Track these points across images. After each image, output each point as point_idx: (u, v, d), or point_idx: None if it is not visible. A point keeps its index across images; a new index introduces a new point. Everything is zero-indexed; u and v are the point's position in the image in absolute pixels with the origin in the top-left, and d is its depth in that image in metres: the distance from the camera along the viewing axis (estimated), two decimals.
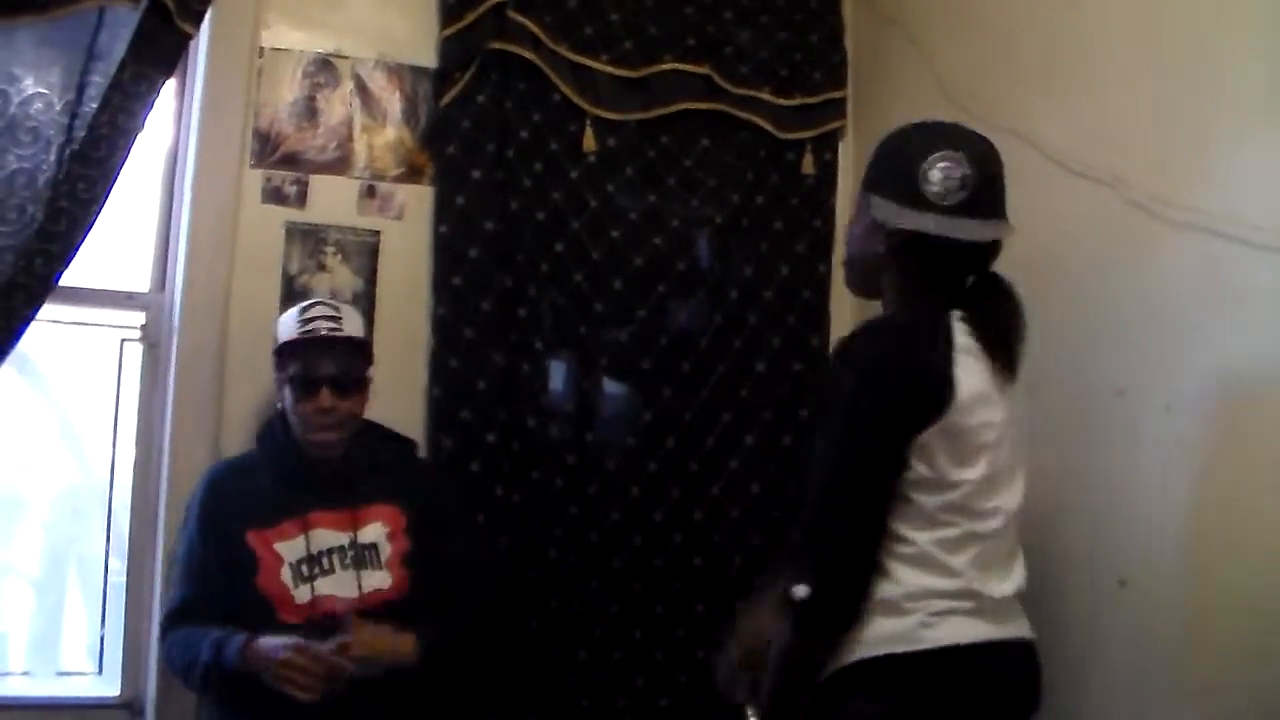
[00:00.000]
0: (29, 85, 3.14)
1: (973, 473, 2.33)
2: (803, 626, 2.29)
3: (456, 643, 3.07)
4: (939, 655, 2.29)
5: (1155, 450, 2.74)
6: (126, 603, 3.51)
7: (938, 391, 2.27)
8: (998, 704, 2.36)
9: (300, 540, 3.02)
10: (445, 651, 3.01)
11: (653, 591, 3.80)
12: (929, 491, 2.31)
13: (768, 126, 3.99)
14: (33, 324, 3.10)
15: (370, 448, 3.19)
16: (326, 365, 3.06)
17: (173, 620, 3.04)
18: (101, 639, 3.56)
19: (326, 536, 3.05)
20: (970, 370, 2.32)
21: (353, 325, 3.16)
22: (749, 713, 2.48)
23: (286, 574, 2.99)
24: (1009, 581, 2.41)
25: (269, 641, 2.80)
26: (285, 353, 3.10)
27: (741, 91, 3.96)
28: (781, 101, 4.00)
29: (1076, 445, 2.80)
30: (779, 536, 3.86)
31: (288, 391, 3.08)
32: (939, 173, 2.36)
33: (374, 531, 3.09)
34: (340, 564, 3.04)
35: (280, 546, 3.01)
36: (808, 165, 4.04)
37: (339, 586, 3.01)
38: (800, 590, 2.22)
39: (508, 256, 3.68)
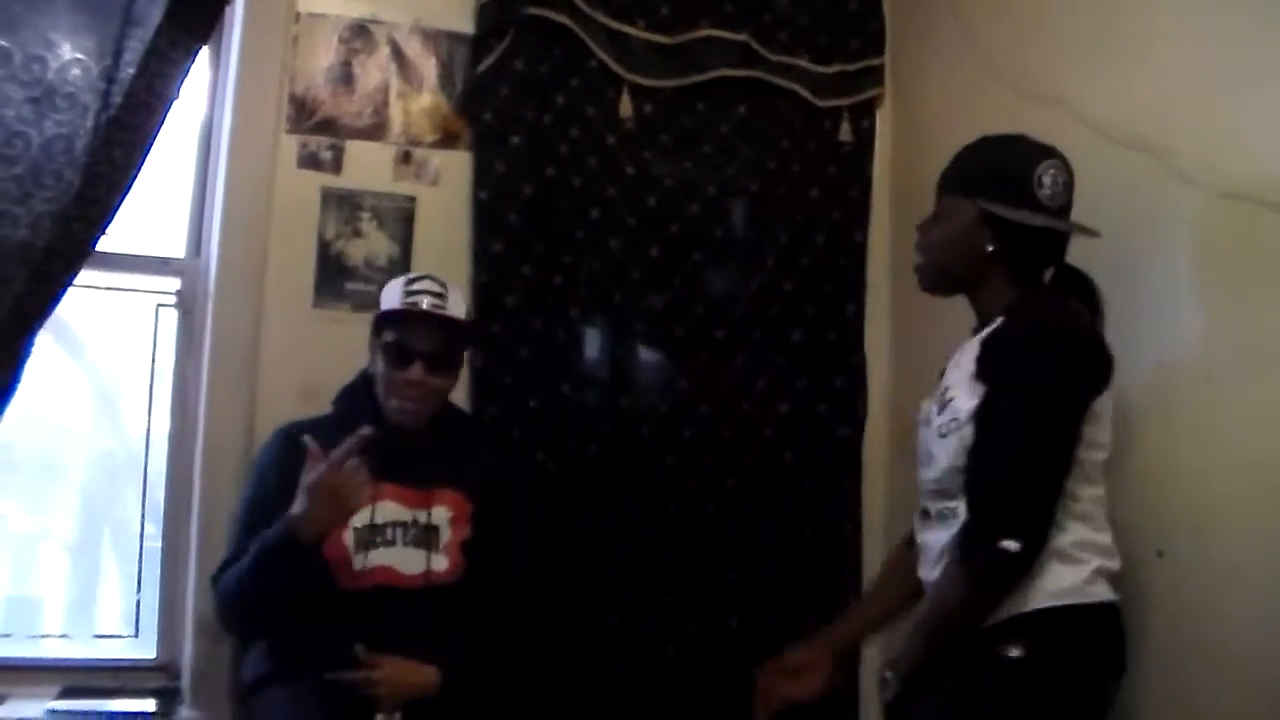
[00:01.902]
0: (66, 51, 3.12)
1: (1108, 436, 2.55)
2: (1000, 580, 2.40)
3: (481, 659, 3.05)
4: (1098, 611, 2.47)
5: (1195, 420, 2.73)
6: (162, 567, 3.53)
7: (1109, 361, 2.52)
8: (1119, 664, 2.52)
9: (369, 508, 2.99)
10: (469, 671, 2.99)
11: (685, 559, 3.81)
12: (1091, 450, 2.50)
13: (805, 94, 3.97)
14: (69, 289, 3.09)
15: (449, 431, 3.18)
16: (423, 340, 3.05)
17: (223, 569, 3.01)
18: (138, 603, 3.58)
19: (393, 510, 3.04)
20: None
21: (456, 306, 3.12)
22: (886, 677, 2.54)
23: (349, 538, 2.97)
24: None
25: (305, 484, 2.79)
26: (384, 320, 3.09)
27: (779, 58, 3.94)
28: (819, 69, 3.99)
29: (1116, 415, 2.78)
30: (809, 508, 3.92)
31: (380, 358, 3.07)
32: (1050, 178, 2.59)
33: (439, 514, 3.09)
34: (402, 539, 3.03)
35: None
36: (845, 133, 4.03)
37: (398, 560, 3.00)
38: (1012, 545, 2.33)
39: (543, 224, 3.68)
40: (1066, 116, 3.12)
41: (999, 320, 2.56)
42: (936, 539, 2.57)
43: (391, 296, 3.11)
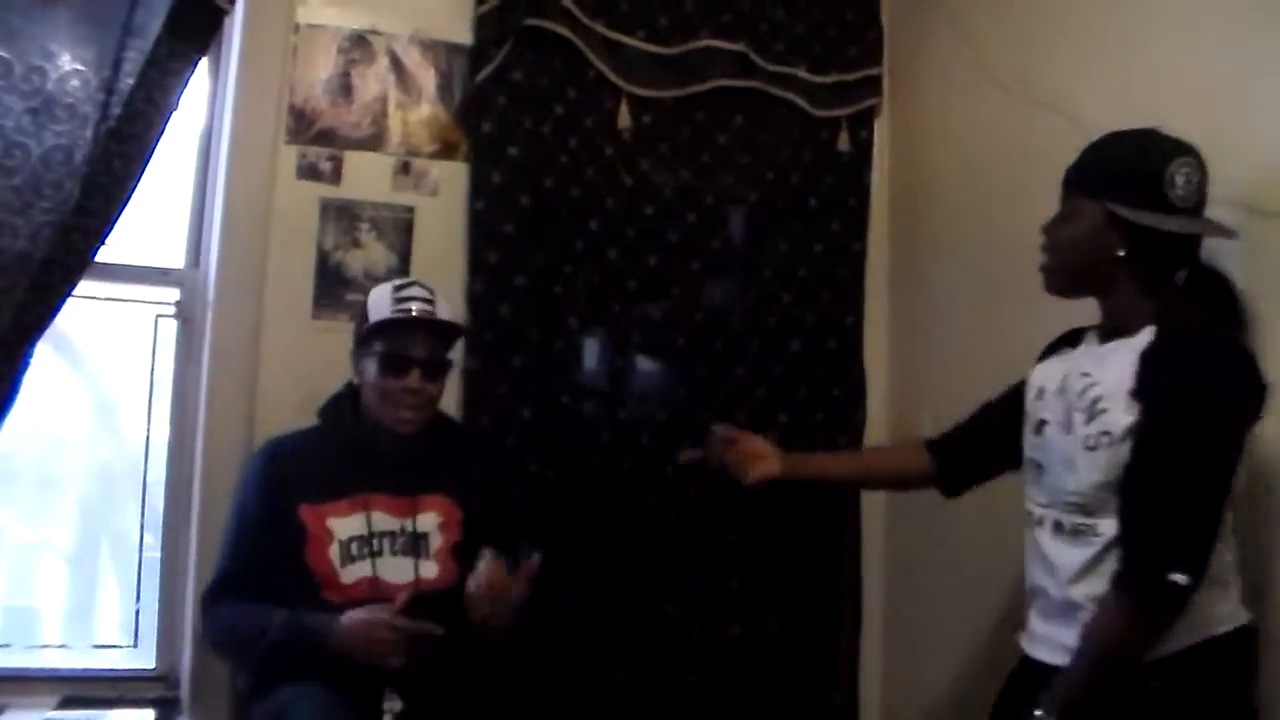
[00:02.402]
0: (66, 62, 3.12)
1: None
2: (1169, 613, 2.31)
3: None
4: (1246, 634, 2.42)
5: None
6: (161, 577, 3.53)
7: (1266, 387, 2.38)
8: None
9: (358, 519, 3.00)
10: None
11: (686, 568, 3.81)
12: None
13: (803, 103, 3.98)
14: (69, 300, 3.09)
15: (434, 436, 3.17)
16: (419, 346, 3.05)
17: (216, 594, 3.03)
18: (137, 613, 3.58)
19: (383, 520, 3.04)
20: None
21: (444, 310, 3.12)
22: (1038, 715, 2.39)
23: (334, 551, 2.97)
24: None
25: (357, 614, 2.82)
26: (376, 330, 3.06)
27: (777, 68, 3.95)
28: (817, 78, 4.00)
29: None
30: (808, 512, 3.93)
31: (372, 368, 3.05)
32: (1182, 178, 2.45)
33: (428, 521, 3.08)
34: (390, 549, 3.03)
35: (333, 523, 2.99)
36: (843, 143, 4.04)
37: (387, 570, 3.00)
38: (1181, 578, 2.25)
39: (542, 233, 3.68)
40: (1065, 123, 3.12)
41: (1148, 332, 2.43)
42: (1070, 556, 2.46)
43: (381, 305, 3.08)
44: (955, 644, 3.59)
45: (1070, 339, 2.71)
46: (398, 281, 3.16)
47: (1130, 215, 2.48)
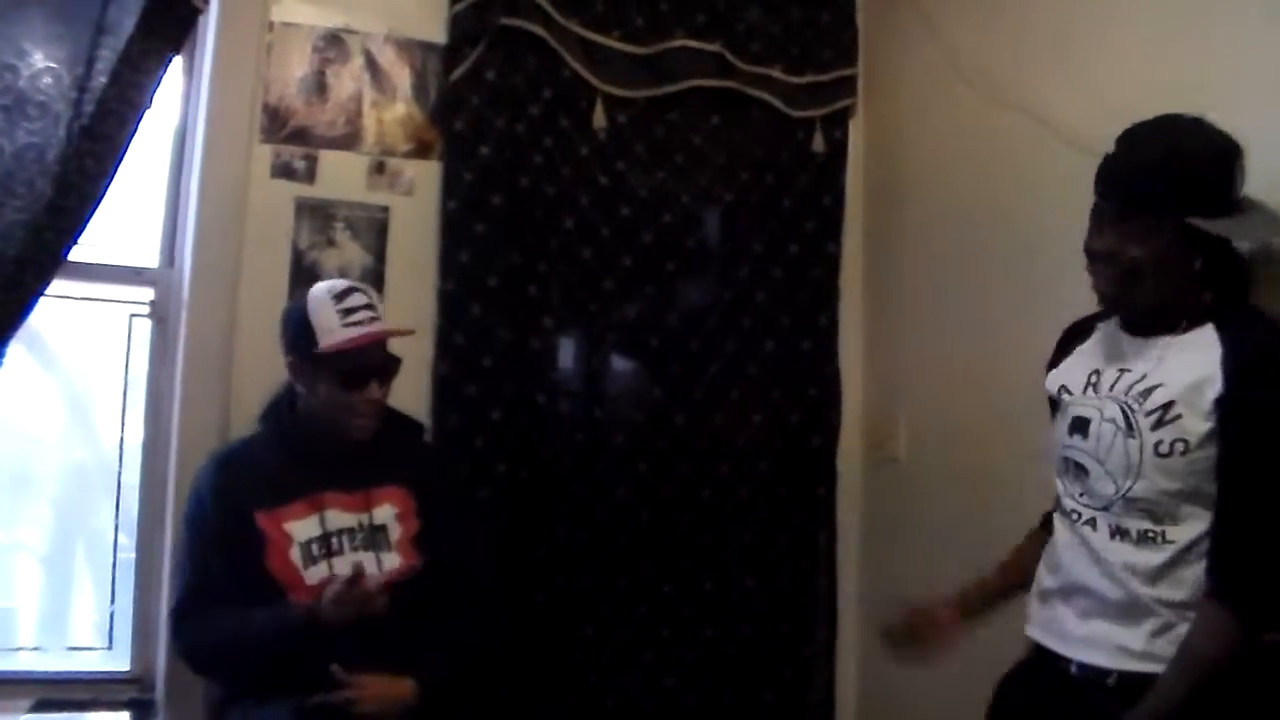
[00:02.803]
0: (38, 60, 3.13)
1: None
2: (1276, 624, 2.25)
3: (454, 665, 3.04)
4: None
5: None
6: (136, 579, 3.52)
7: None
8: None
9: (313, 520, 3.00)
10: (445, 678, 2.99)
11: (660, 569, 3.82)
12: None
13: (778, 104, 3.99)
14: (42, 299, 3.10)
15: (383, 430, 3.15)
16: (374, 358, 3.04)
17: (185, 609, 3.00)
18: (111, 615, 3.58)
19: (339, 518, 3.03)
20: None
21: (382, 313, 3.10)
22: None
23: (296, 554, 2.96)
24: None
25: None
26: (331, 353, 3.00)
27: (752, 69, 3.96)
28: (792, 79, 4.01)
29: None
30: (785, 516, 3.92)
31: (326, 386, 3.01)
32: (1241, 175, 2.33)
33: (384, 513, 3.08)
34: (350, 545, 3.02)
35: (290, 526, 2.98)
36: (818, 143, 4.05)
37: (347, 566, 2.95)
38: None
39: (517, 233, 3.68)
40: (1036, 124, 3.14)
41: (1208, 333, 2.32)
42: (1138, 560, 2.35)
43: (329, 323, 3.00)
44: None
45: (1077, 333, 2.63)
46: (335, 287, 3.07)
47: (1210, 227, 2.29)
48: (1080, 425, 2.43)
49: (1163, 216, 2.31)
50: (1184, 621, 2.29)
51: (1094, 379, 2.45)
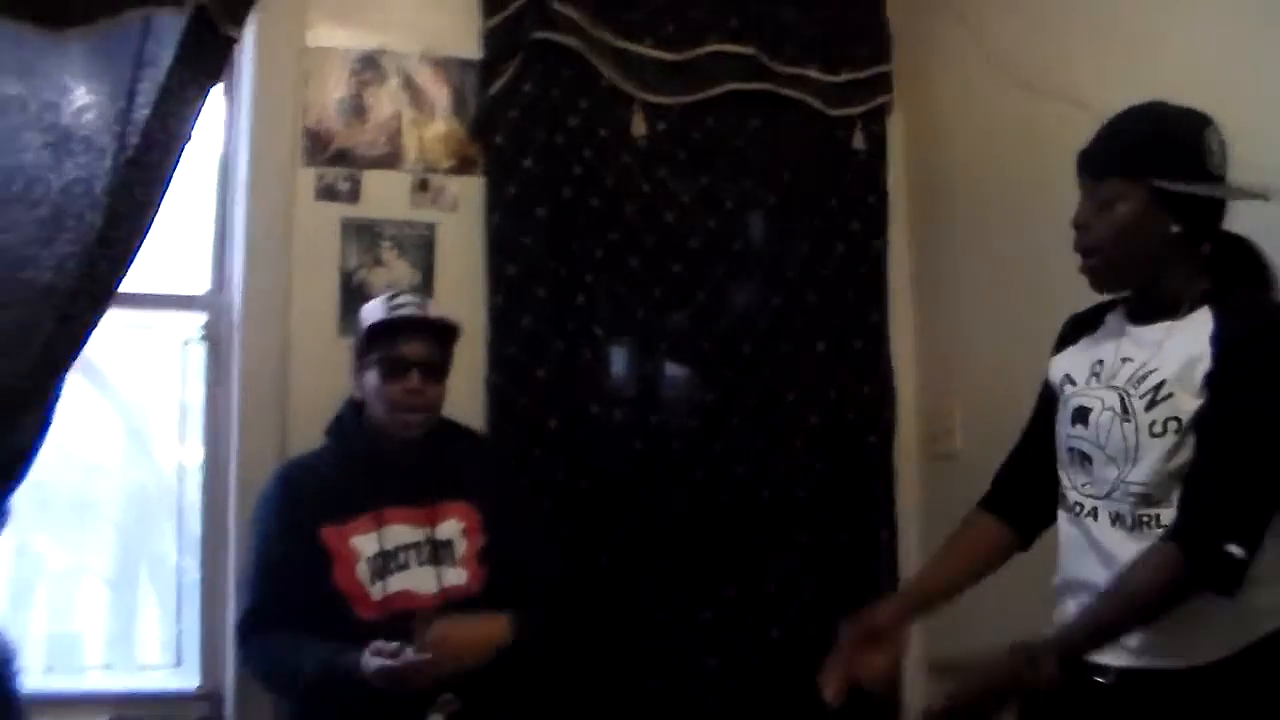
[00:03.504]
0: (80, 95, 3.18)
1: None
2: (1214, 583, 2.21)
3: (541, 630, 3.06)
4: None
5: None
6: (202, 598, 3.57)
7: None
8: None
9: (374, 535, 3.03)
10: (534, 636, 3.02)
11: (722, 573, 3.81)
12: None
13: (816, 104, 3.99)
14: (97, 329, 3.15)
15: (445, 444, 3.20)
16: (416, 348, 3.09)
17: (250, 626, 3.04)
18: (179, 634, 3.63)
19: (402, 532, 3.06)
20: None
21: (437, 313, 3.19)
22: (1037, 658, 2.25)
23: (362, 570, 2.99)
24: None
25: (375, 662, 2.76)
26: (372, 336, 3.10)
27: (788, 70, 3.96)
28: (828, 78, 4.01)
29: None
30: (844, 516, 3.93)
31: (373, 375, 3.09)
32: (1216, 144, 2.36)
33: (450, 528, 3.11)
34: (416, 560, 3.05)
35: (356, 541, 3.02)
36: (858, 141, 4.05)
37: (415, 583, 3.02)
38: (1238, 550, 2.17)
39: (563, 244, 3.70)
40: (1078, 114, 3.11)
41: (1203, 314, 2.32)
42: (1131, 549, 2.33)
43: (374, 312, 3.15)
44: (996, 646, 3.59)
45: (1085, 323, 2.62)
46: (389, 293, 3.23)
47: (1182, 188, 2.33)
48: (1082, 415, 2.44)
49: (1132, 180, 2.35)
50: (1185, 615, 2.25)
51: (1098, 369, 2.46)
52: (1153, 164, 2.35)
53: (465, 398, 3.49)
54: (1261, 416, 2.23)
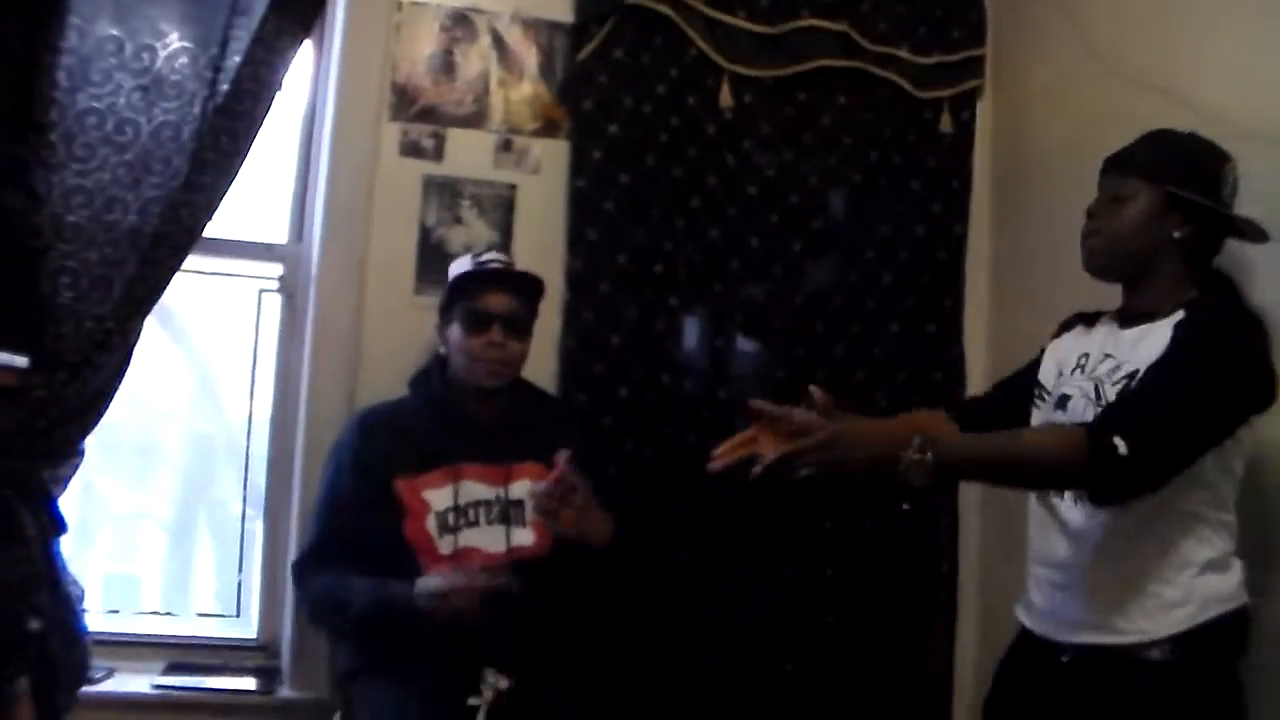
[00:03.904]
0: (174, 40, 3.20)
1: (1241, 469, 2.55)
2: (1098, 474, 2.33)
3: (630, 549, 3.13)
4: (1243, 615, 2.49)
5: None
6: (264, 549, 3.60)
7: (1274, 384, 2.47)
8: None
9: (452, 490, 3.05)
10: (626, 547, 3.09)
11: (781, 552, 3.81)
12: (1237, 461, 2.53)
13: (905, 84, 3.95)
14: (177, 274, 3.18)
15: (523, 404, 3.23)
16: (499, 301, 3.12)
17: (308, 563, 3.09)
18: (239, 584, 3.66)
19: (475, 489, 3.08)
20: None
21: (523, 268, 3.22)
22: (923, 458, 2.31)
23: (431, 523, 3.02)
24: None
25: (432, 580, 2.86)
26: (456, 288, 3.14)
27: (879, 49, 3.93)
28: (919, 59, 3.97)
29: None
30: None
31: (456, 329, 3.13)
32: (1232, 178, 2.60)
33: (521, 488, 3.12)
34: (486, 518, 3.07)
35: (428, 494, 3.05)
36: (945, 124, 4.01)
37: (483, 540, 3.04)
38: (1123, 446, 2.27)
39: (643, 212, 3.69)
40: (1178, 107, 3.08)
41: (1179, 314, 2.52)
42: (1094, 525, 2.56)
43: (461, 265, 3.22)
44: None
45: (1084, 318, 2.84)
46: (477, 249, 3.29)
47: (1193, 197, 2.56)
48: (1063, 402, 2.65)
49: (1151, 182, 2.61)
50: (1139, 595, 2.46)
51: (1083, 361, 2.67)
52: (1173, 174, 2.60)
53: (539, 360, 3.46)
54: (1199, 371, 2.41)
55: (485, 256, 3.20)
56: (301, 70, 3.60)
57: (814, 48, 3.88)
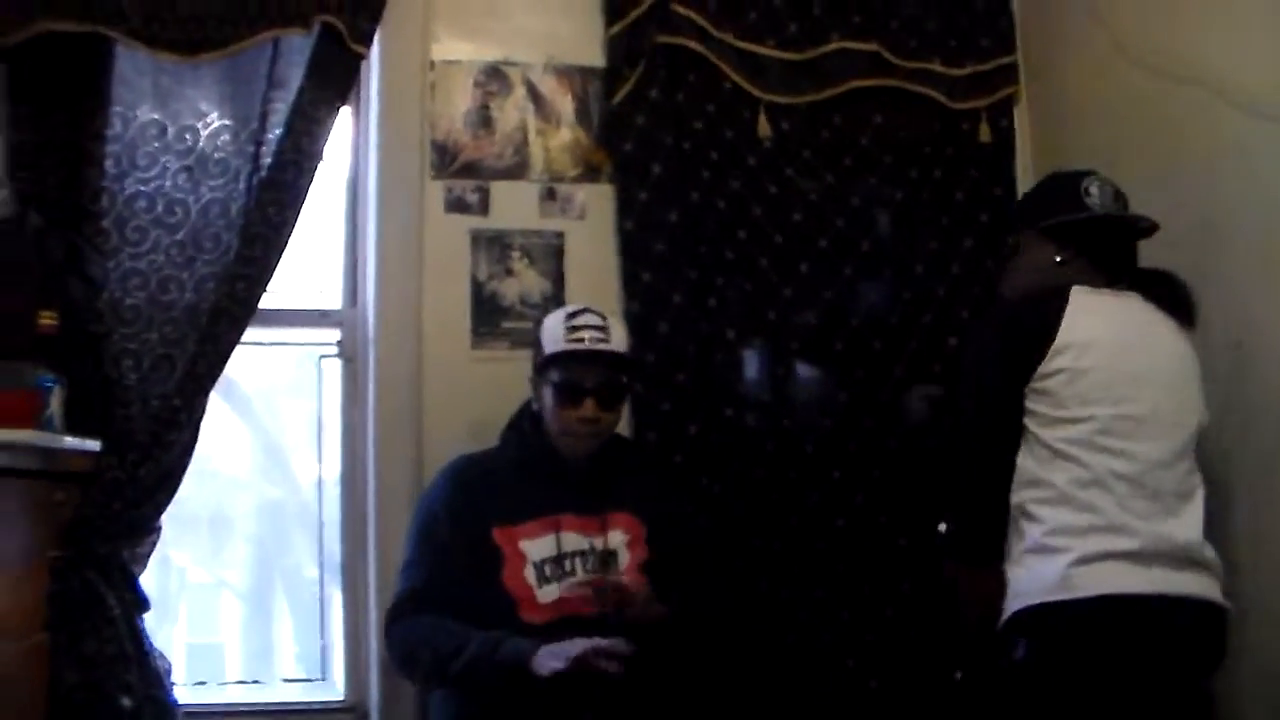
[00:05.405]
0: (214, 119, 3.29)
1: (1092, 408, 2.65)
2: (954, 558, 2.74)
3: (700, 619, 3.09)
4: (1092, 605, 2.53)
5: None
6: (345, 611, 3.59)
7: (1039, 327, 2.72)
8: (1158, 662, 2.56)
9: (548, 540, 3.02)
10: (691, 623, 3.05)
11: (858, 573, 3.75)
12: (1054, 426, 2.66)
13: (940, 98, 3.93)
14: (237, 347, 3.22)
15: (613, 453, 3.19)
16: (592, 377, 3.07)
17: (404, 607, 3.02)
18: (322, 647, 3.68)
19: (573, 539, 3.05)
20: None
21: (618, 337, 3.13)
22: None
23: (530, 573, 2.99)
24: (1175, 526, 2.62)
25: (553, 652, 2.79)
26: (550, 360, 3.09)
27: (911, 65, 3.90)
28: (952, 71, 3.94)
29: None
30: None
31: (549, 394, 3.08)
32: (1096, 188, 2.93)
33: (616, 538, 3.09)
34: (583, 567, 3.03)
35: (525, 545, 3.01)
36: (984, 134, 3.98)
37: (578, 589, 2.98)
38: (942, 525, 2.55)
39: (693, 248, 3.68)
40: (1213, 99, 3.07)
41: None
42: None
43: (554, 336, 3.10)
44: None
45: None
46: (570, 309, 3.18)
47: (1055, 219, 2.89)
48: None
49: (1024, 229, 3.01)
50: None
51: None
52: (1035, 213, 2.99)
53: None
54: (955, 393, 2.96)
55: (578, 324, 3.11)
56: (342, 137, 3.62)
57: (846, 70, 3.86)
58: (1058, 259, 2.84)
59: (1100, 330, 2.72)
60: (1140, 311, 2.82)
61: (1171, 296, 2.84)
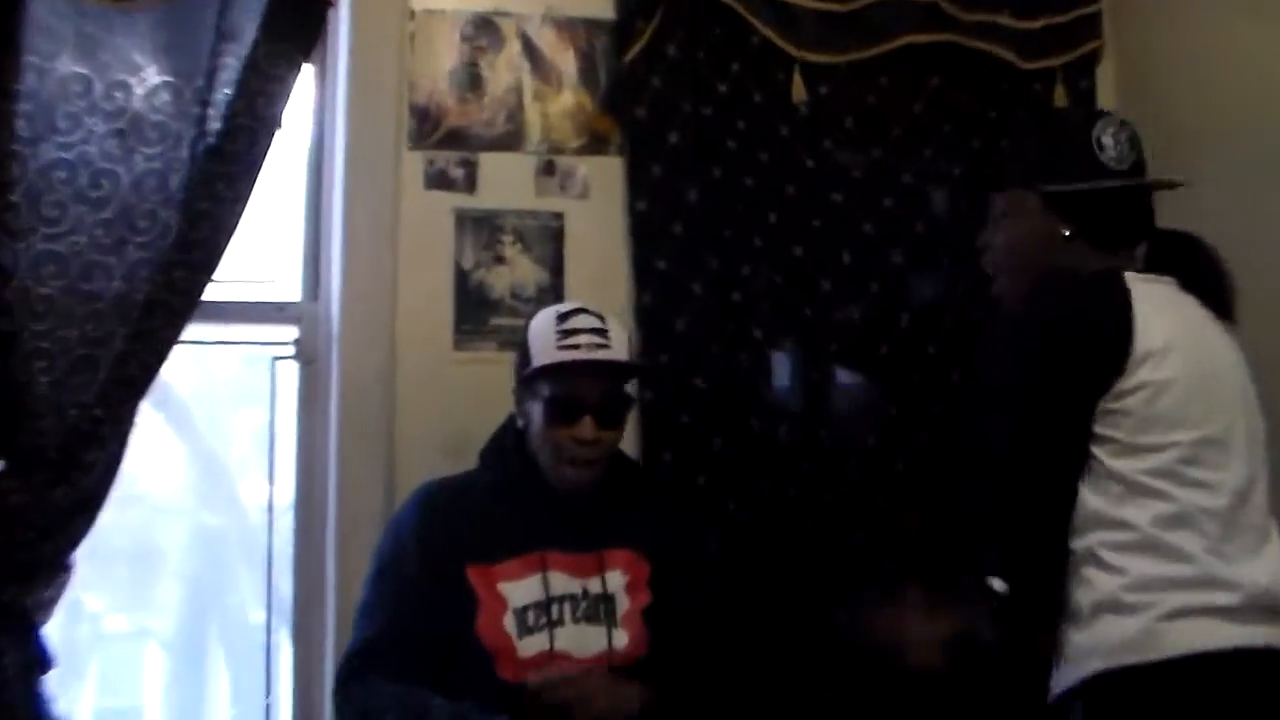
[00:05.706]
0: (152, 75, 3.20)
1: (1171, 435, 2.47)
2: (1009, 625, 2.54)
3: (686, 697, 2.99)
4: (1181, 666, 2.35)
5: None
6: (296, 663, 3.55)
7: (1113, 337, 2.50)
8: None
9: (533, 582, 2.95)
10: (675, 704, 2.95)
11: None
12: (1129, 457, 2.46)
13: (1008, 56, 3.91)
14: (175, 346, 3.14)
15: (612, 478, 3.11)
16: (591, 391, 2.98)
17: (359, 664, 2.94)
18: (267, 707, 3.63)
19: (563, 581, 2.98)
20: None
21: (620, 342, 3.04)
22: None
23: (509, 622, 2.92)
24: (1258, 569, 2.46)
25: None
26: (539, 373, 2.99)
27: (974, 17, 3.88)
28: (1023, 25, 3.93)
29: None
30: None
31: (537, 410, 2.99)
32: (1109, 138, 2.72)
33: (614, 580, 3.04)
34: (572, 615, 2.97)
35: (505, 588, 2.94)
36: (1060, 97, 3.98)
37: (571, 642, 2.95)
38: (998, 584, 2.39)
39: (715, 233, 3.67)
40: None
41: None
42: None
43: (543, 342, 3.01)
44: None
45: None
46: (561, 308, 3.09)
47: (1065, 188, 2.68)
48: None
49: (1019, 189, 2.80)
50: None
51: None
52: (1041, 170, 2.76)
53: None
54: (984, 418, 2.63)
55: (571, 327, 3.01)
56: (304, 100, 3.58)
57: (897, 23, 3.84)
58: (1065, 233, 2.68)
59: (1170, 331, 2.53)
60: (1189, 305, 2.67)
61: (1212, 284, 2.72)
